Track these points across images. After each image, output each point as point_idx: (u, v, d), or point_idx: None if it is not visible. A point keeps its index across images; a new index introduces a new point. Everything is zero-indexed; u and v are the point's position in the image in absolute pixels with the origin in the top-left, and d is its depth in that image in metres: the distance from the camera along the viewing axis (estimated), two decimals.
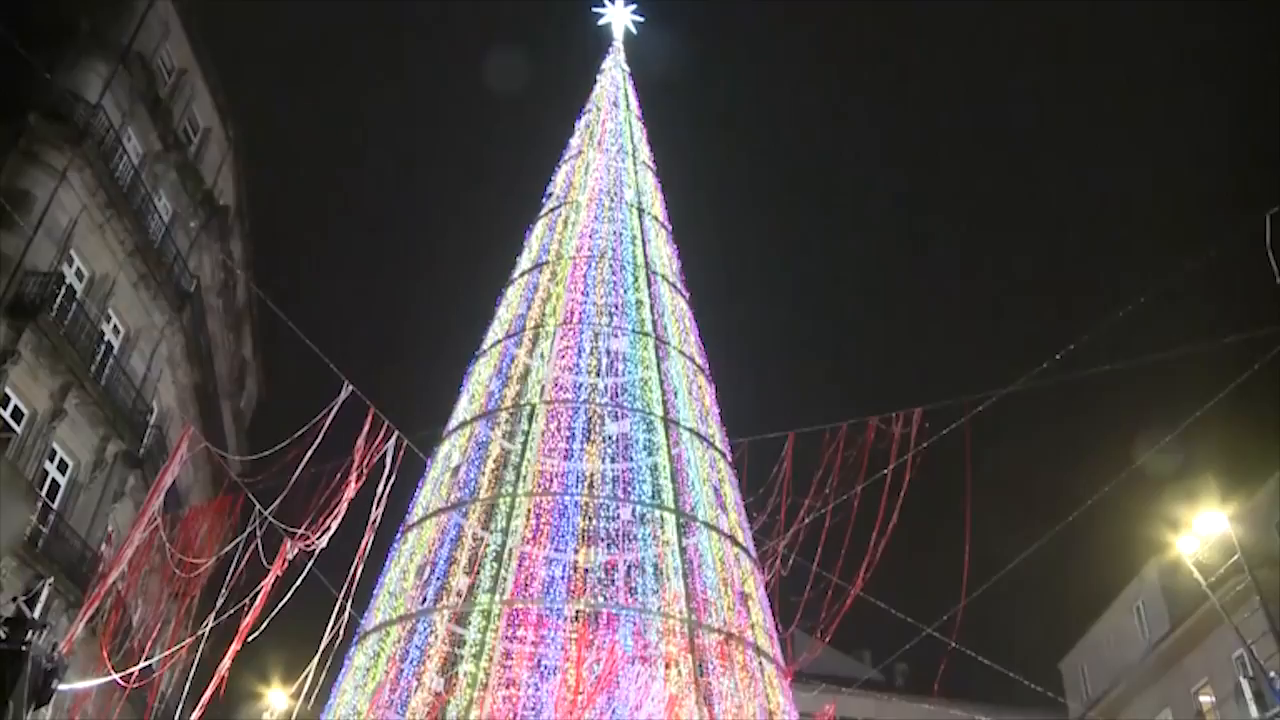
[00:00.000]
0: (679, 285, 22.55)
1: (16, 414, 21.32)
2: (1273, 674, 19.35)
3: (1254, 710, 18.79)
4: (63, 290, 22.32)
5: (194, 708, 17.63)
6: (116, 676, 17.79)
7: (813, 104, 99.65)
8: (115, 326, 24.90)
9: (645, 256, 22.06)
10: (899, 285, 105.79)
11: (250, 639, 17.64)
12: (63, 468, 23.08)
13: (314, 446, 17.09)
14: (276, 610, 17.14)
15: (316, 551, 17.63)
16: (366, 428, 17.73)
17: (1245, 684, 19.55)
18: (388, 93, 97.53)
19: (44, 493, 22.16)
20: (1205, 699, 28.08)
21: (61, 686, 11.83)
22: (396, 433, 18.01)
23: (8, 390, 20.86)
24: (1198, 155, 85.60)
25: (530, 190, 24.59)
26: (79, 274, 23.40)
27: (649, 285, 21.45)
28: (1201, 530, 19.54)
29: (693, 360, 21.11)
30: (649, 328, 20.59)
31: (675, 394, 19.85)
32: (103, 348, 23.88)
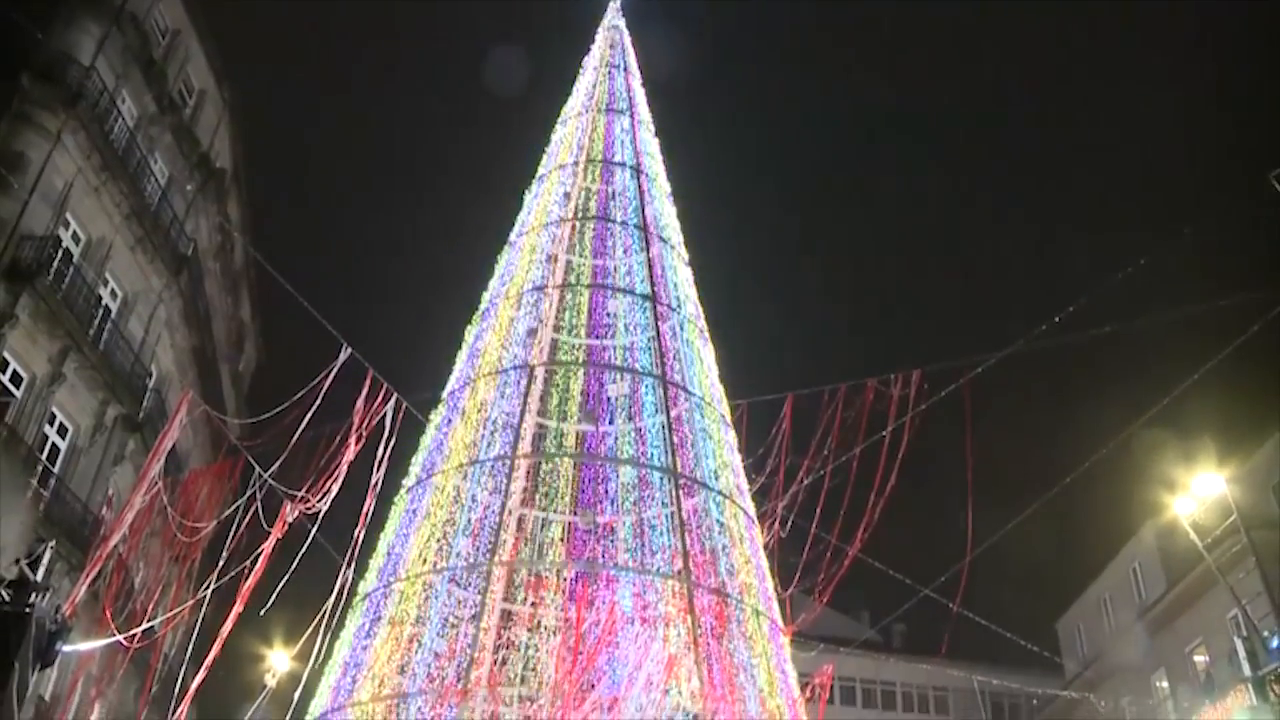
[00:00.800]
0: (679, 247, 22.45)
1: (15, 378, 21.29)
2: (1266, 633, 19.44)
3: (1247, 669, 18.87)
4: (59, 254, 22.23)
5: (197, 670, 17.72)
6: (120, 637, 17.85)
7: (812, 72, 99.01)
8: (113, 290, 24.81)
9: (645, 218, 21.93)
10: (899, 248, 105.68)
11: (262, 611, 17.72)
12: (62, 432, 23.08)
13: (313, 409, 17.06)
14: (284, 580, 17.17)
15: (319, 515, 17.64)
16: (365, 390, 17.70)
17: (1239, 643, 19.62)
18: (385, 52, 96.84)
19: (44, 456, 22.19)
20: (1199, 659, 28.31)
21: (65, 648, 11.90)
22: (395, 395, 18.00)
23: (6, 354, 20.81)
24: (1201, 120, 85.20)
25: (530, 152, 24.39)
26: (75, 237, 23.29)
27: (648, 246, 21.36)
28: (1199, 492, 19.58)
29: (692, 321, 21.06)
30: (648, 289, 20.52)
31: (674, 355, 19.81)
32: (100, 311, 23.82)
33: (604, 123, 24.00)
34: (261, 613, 17.94)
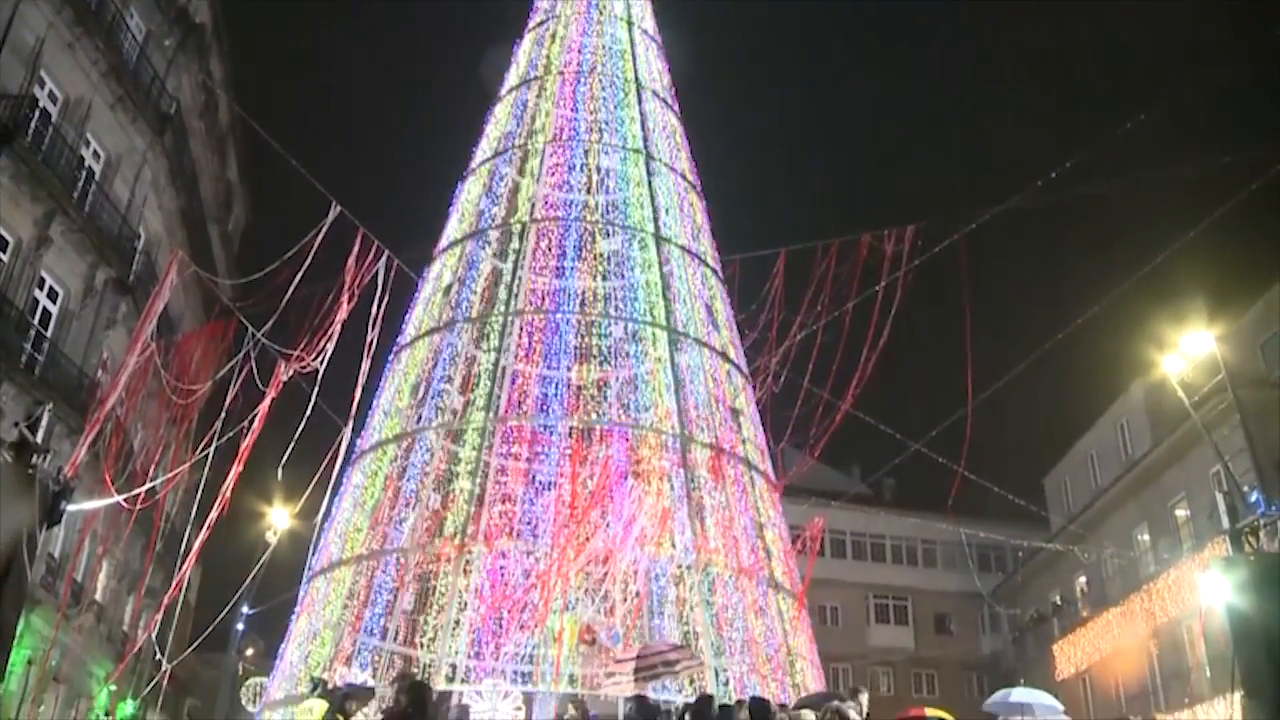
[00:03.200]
0: (670, 100, 21.98)
1: (1, 242, 21.04)
2: (1246, 488, 19.82)
3: (1226, 523, 19.33)
4: (36, 114, 21.63)
5: (199, 529, 17.99)
6: (120, 499, 18.08)
7: None
8: (95, 151, 24.27)
9: (635, 71, 21.41)
10: (897, 101, 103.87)
11: (279, 473, 17.83)
12: (53, 296, 22.92)
13: (304, 268, 16.86)
14: (294, 442, 17.19)
15: (318, 375, 17.60)
16: (356, 248, 17.47)
17: (1220, 498, 20.03)
18: None
19: (35, 321, 22.12)
20: (1181, 513, 28.96)
21: (69, 508, 12.05)
22: (387, 253, 17.76)
23: None
24: None
25: (523, 8, 23.64)
26: (52, 97, 22.62)
27: (639, 101, 20.90)
28: (1188, 350, 19.64)
29: (684, 176, 20.77)
30: (639, 144, 20.16)
31: (666, 211, 19.61)
32: (84, 173, 23.36)
33: None
34: (279, 474, 18.06)
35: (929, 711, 15.39)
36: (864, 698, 11.06)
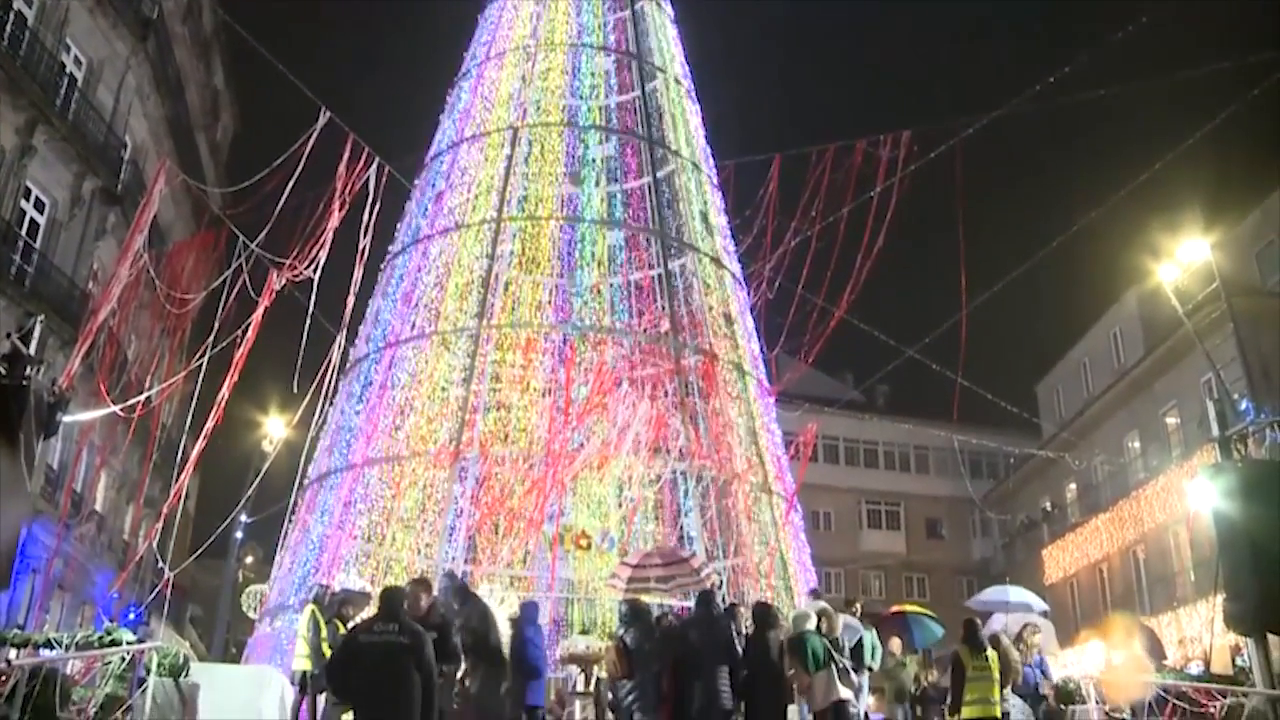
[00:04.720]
0: (665, 3, 21.52)
1: None
2: (1236, 396, 19.92)
3: (1215, 430, 19.48)
4: (11, 18, 21.07)
5: (196, 439, 18.03)
6: (117, 408, 18.09)
7: None
8: (76, 57, 23.73)
9: None
10: (894, 7, 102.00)
11: (294, 388, 17.75)
12: (40, 207, 22.63)
13: (295, 175, 16.60)
14: (299, 359, 17.06)
15: (313, 284, 17.46)
16: (346, 154, 17.18)
17: (1210, 405, 20.15)
18: None
19: (23, 232, 21.87)
20: (1171, 421, 29.19)
21: (65, 419, 12.04)
22: (377, 159, 17.48)
23: None
24: None
25: None
26: (27, 0, 22.04)
27: (633, 2, 20.46)
28: (1183, 258, 19.56)
29: (679, 81, 20.44)
30: (633, 47, 19.80)
31: (660, 115, 19.35)
32: (65, 80, 22.88)
33: None
34: (294, 389, 17.92)
35: (907, 608, 15.85)
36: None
